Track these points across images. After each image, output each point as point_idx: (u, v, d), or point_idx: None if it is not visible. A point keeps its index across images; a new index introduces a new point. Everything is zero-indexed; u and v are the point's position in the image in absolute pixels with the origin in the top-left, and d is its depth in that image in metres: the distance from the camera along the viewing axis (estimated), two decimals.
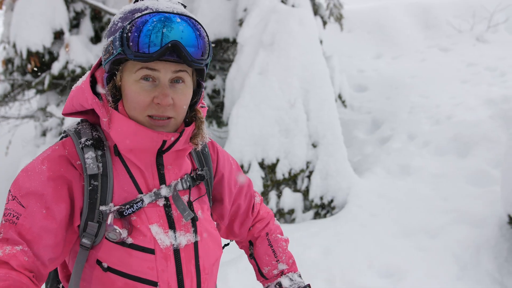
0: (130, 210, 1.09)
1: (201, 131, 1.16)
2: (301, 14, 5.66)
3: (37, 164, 1.08)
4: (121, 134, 1.09)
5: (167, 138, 1.09)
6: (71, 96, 1.16)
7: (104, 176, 1.09)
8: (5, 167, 7.42)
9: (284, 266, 1.37)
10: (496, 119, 5.67)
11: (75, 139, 1.12)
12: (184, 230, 1.15)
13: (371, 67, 8.62)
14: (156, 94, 1.06)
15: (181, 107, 1.10)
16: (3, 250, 0.99)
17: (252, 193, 1.44)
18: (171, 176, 1.17)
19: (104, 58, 1.09)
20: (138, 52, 1.01)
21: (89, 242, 1.08)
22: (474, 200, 4.54)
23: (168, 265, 1.12)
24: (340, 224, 4.44)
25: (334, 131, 5.19)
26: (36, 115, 6.48)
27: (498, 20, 9.27)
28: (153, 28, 1.01)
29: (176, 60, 1.04)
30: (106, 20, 6.46)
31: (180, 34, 1.02)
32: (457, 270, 3.67)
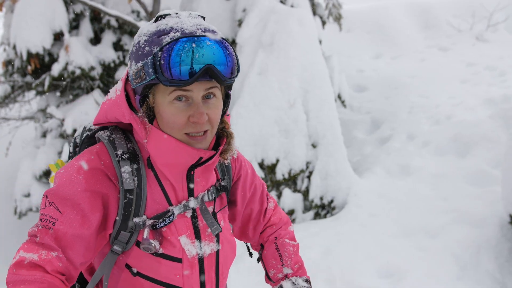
0: (162, 223, 1.15)
1: (231, 146, 1.21)
2: (300, 14, 5.66)
3: (74, 172, 1.12)
4: (160, 150, 1.12)
5: (204, 155, 1.14)
6: (105, 109, 1.19)
7: (138, 189, 1.14)
8: (5, 168, 7.43)
9: (289, 271, 1.41)
10: (496, 119, 5.67)
11: (111, 150, 1.15)
12: (208, 240, 1.22)
13: (371, 67, 8.62)
14: (192, 113, 1.09)
15: (215, 120, 1.13)
16: (39, 255, 1.04)
17: (264, 198, 1.47)
18: (198, 189, 1.22)
19: (136, 82, 1.10)
20: (173, 80, 1.03)
21: (120, 248, 1.15)
22: (474, 200, 4.54)
23: (193, 273, 1.20)
24: (340, 224, 4.44)
25: (334, 131, 5.19)
26: (36, 116, 6.49)
27: (498, 20, 9.27)
28: (185, 54, 1.02)
29: (207, 79, 1.06)
30: (106, 22, 6.46)
31: (212, 57, 1.04)
32: (457, 270, 3.67)
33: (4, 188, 7.22)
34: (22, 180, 5.94)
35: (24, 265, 1.02)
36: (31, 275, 1.01)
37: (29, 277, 1.00)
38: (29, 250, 1.05)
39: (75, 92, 6.45)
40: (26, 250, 1.05)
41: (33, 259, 1.03)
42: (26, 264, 1.02)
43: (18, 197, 5.93)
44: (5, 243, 6.44)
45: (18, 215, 6.00)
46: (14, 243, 6.54)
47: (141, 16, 6.64)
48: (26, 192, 5.94)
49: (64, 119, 5.95)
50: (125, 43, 6.59)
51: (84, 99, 6.07)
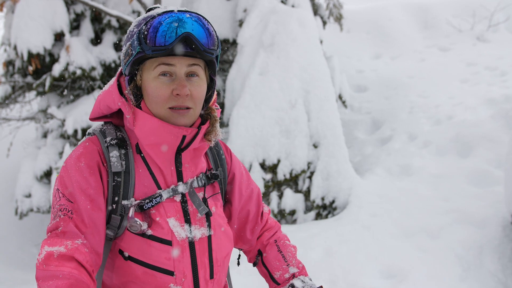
0: (149, 204, 1.19)
1: (215, 128, 1.25)
2: (301, 15, 5.66)
3: (75, 161, 1.19)
4: (144, 130, 1.18)
5: (186, 132, 1.19)
6: (98, 100, 1.27)
7: (126, 173, 1.19)
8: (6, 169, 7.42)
9: (295, 270, 1.42)
10: (497, 118, 5.67)
11: (100, 138, 1.23)
12: (199, 224, 1.24)
13: (370, 68, 8.61)
14: (175, 86, 1.17)
15: (198, 98, 1.20)
16: (65, 246, 1.08)
17: (260, 201, 1.51)
18: (188, 174, 1.26)
19: (124, 61, 1.20)
20: (156, 46, 1.12)
21: (112, 233, 1.19)
22: (475, 200, 4.54)
23: (184, 256, 1.20)
24: (342, 225, 4.44)
25: (335, 131, 5.19)
26: (37, 117, 6.48)
27: (499, 20, 9.26)
28: (167, 24, 1.12)
29: (190, 53, 1.15)
30: (106, 22, 6.46)
31: (191, 27, 1.14)
32: (460, 271, 3.67)
33: (5, 188, 7.21)
34: (23, 180, 5.93)
35: (53, 259, 1.06)
36: (59, 270, 1.04)
37: (57, 272, 1.04)
38: (54, 243, 1.08)
39: (76, 93, 6.44)
40: (51, 244, 1.08)
41: (61, 251, 1.07)
42: (55, 258, 1.06)
43: (19, 198, 5.92)
44: (6, 244, 6.44)
45: (19, 215, 5.99)
46: (15, 243, 6.54)
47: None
48: (27, 193, 5.93)
49: (65, 119, 5.94)
50: None
51: (85, 99, 6.07)
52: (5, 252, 6.27)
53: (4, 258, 6.17)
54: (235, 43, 6.31)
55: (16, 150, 7.01)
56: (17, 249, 6.36)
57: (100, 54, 6.33)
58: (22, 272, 5.64)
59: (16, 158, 6.92)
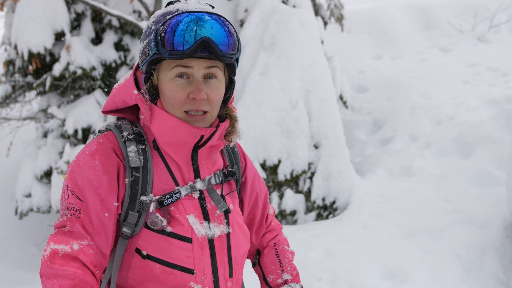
0: (169, 200, 1.16)
1: (235, 129, 1.24)
2: (302, 15, 5.65)
3: (88, 158, 1.15)
4: (162, 128, 1.16)
5: (204, 133, 1.16)
6: (113, 93, 1.24)
7: (144, 168, 1.16)
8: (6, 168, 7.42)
9: (288, 277, 1.42)
10: (499, 119, 5.65)
11: (117, 133, 1.20)
12: (217, 221, 1.22)
13: (371, 68, 8.60)
14: (191, 89, 1.13)
15: (215, 101, 1.16)
16: (71, 245, 1.07)
17: (267, 203, 1.49)
18: (205, 171, 1.24)
19: (141, 60, 1.16)
20: (172, 50, 1.08)
21: (129, 231, 1.15)
22: (477, 201, 4.52)
23: (204, 254, 1.18)
24: (343, 225, 4.42)
25: (336, 132, 5.18)
26: (37, 117, 6.47)
27: (500, 20, 9.25)
28: (185, 27, 1.08)
29: (207, 56, 1.10)
30: (107, 21, 6.45)
31: (210, 31, 1.09)
32: (461, 271, 3.65)
33: (5, 188, 7.20)
34: (23, 180, 5.92)
35: (58, 257, 1.05)
36: (63, 270, 1.04)
37: (62, 271, 1.03)
38: (60, 241, 1.07)
39: (76, 92, 6.43)
40: (57, 241, 1.07)
41: (66, 251, 1.06)
42: (60, 256, 1.05)
43: (19, 198, 5.91)
44: (6, 244, 6.43)
45: (19, 215, 5.98)
46: (15, 243, 6.53)
47: (142, 16, 6.63)
48: (27, 193, 5.92)
49: (65, 119, 5.93)
50: (127, 43, 6.58)
51: (85, 99, 6.06)
52: (5, 252, 6.26)
53: (4, 258, 6.16)
54: None
55: (16, 150, 7.01)
56: (17, 249, 6.35)
57: (100, 54, 6.33)
58: (22, 272, 5.63)
59: (16, 158, 6.92)
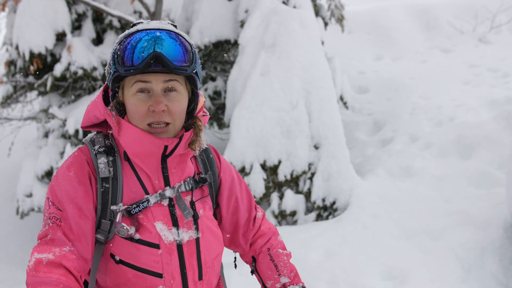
0: (136, 209, 1.22)
1: (198, 138, 1.28)
2: (303, 15, 5.66)
3: (65, 171, 1.24)
4: (129, 140, 1.22)
5: (167, 143, 1.22)
6: (88, 110, 1.31)
7: (114, 179, 1.24)
8: (7, 168, 7.43)
9: (286, 280, 1.44)
10: (499, 120, 5.65)
11: (90, 147, 1.28)
12: (186, 227, 1.27)
13: (371, 69, 8.60)
14: (151, 103, 1.19)
15: (176, 113, 1.22)
16: (53, 253, 1.12)
17: (252, 206, 1.51)
18: (175, 179, 1.29)
19: (107, 78, 1.24)
20: (126, 67, 1.15)
21: (103, 237, 1.22)
22: (477, 202, 4.52)
23: (172, 259, 1.24)
24: (343, 226, 4.43)
25: (336, 132, 5.18)
26: (38, 117, 6.49)
27: (501, 21, 9.24)
28: (137, 44, 1.15)
29: (163, 70, 1.16)
30: (108, 22, 6.46)
31: (161, 45, 1.15)
32: (461, 272, 3.66)
33: (6, 188, 7.22)
34: (24, 180, 5.94)
35: (43, 265, 1.10)
36: (47, 277, 1.08)
37: (46, 278, 1.08)
38: (43, 251, 1.13)
39: (77, 93, 6.45)
40: (40, 251, 1.13)
41: (49, 258, 1.11)
42: (45, 264, 1.10)
43: (20, 197, 5.93)
44: (7, 243, 6.45)
45: (20, 215, 5.99)
46: (16, 243, 6.54)
47: (143, 16, 6.64)
48: (28, 192, 5.94)
49: (66, 119, 5.94)
50: None
51: (86, 99, 6.07)
52: (6, 252, 6.28)
53: (5, 257, 6.17)
54: (236, 43, 6.31)
55: (17, 150, 7.02)
56: (18, 248, 6.37)
57: (101, 54, 6.34)
58: (23, 272, 5.64)
59: (17, 158, 6.93)
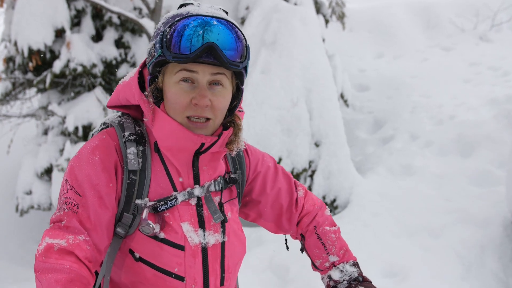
0: (164, 206, 1.15)
1: (237, 138, 1.20)
2: (303, 13, 5.64)
3: (89, 154, 1.14)
4: (163, 132, 1.13)
5: (205, 141, 1.13)
6: (118, 90, 1.22)
7: (142, 171, 1.15)
8: (6, 166, 7.41)
9: (335, 258, 1.35)
10: (500, 119, 5.64)
11: (118, 132, 1.18)
12: (213, 230, 1.20)
13: (372, 67, 8.59)
14: (194, 95, 1.10)
15: (219, 109, 1.13)
16: (67, 240, 1.05)
17: (293, 188, 1.43)
18: (205, 177, 1.21)
19: (148, 60, 1.14)
20: (176, 54, 1.06)
21: (123, 231, 1.15)
22: (477, 200, 4.52)
23: (196, 262, 1.17)
24: (343, 223, 4.41)
25: (337, 130, 5.17)
26: (37, 114, 6.46)
27: (502, 19, 9.22)
28: (191, 30, 1.05)
29: (214, 62, 1.07)
30: (107, 18, 6.44)
31: (217, 36, 1.05)
32: (461, 270, 3.66)
33: (5, 185, 7.20)
34: (24, 177, 5.92)
35: (54, 252, 1.03)
36: (59, 264, 1.02)
37: (57, 265, 1.01)
38: (55, 236, 1.06)
39: (76, 90, 6.42)
40: (52, 236, 1.06)
41: (62, 245, 1.04)
42: (56, 251, 1.03)
43: (19, 195, 5.91)
44: (6, 241, 6.43)
45: (19, 212, 5.97)
46: (15, 240, 6.53)
47: (143, 13, 6.62)
48: (28, 190, 5.92)
49: (66, 116, 5.92)
50: (127, 41, 6.57)
51: (85, 96, 6.05)
52: (5, 250, 6.26)
53: (4, 255, 6.16)
54: None
55: (17, 147, 7.00)
56: (18, 246, 6.35)
57: (101, 51, 6.32)
58: (23, 269, 5.63)
59: (16, 155, 6.91)
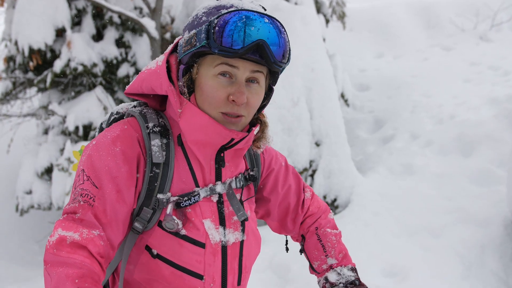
0: (187, 202, 1.12)
1: (265, 135, 1.21)
2: (304, 12, 5.64)
3: (109, 144, 1.09)
4: (191, 125, 1.10)
5: (235, 136, 1.11)
6: (142, 78, 1.17)
7: (166, 165, 1.11)
8: (6, 165, 7.41)
9: (333, 261, 1.35)
10: (500, 118, 5.64)
11: (141, 122, 1.13)
12: (233, 228, 1.19)
13: (373, 66, 8.59)
14: (233, 91, 1.07)
15: (253, 107, 1.11)
16: (80, 233, 1.00)
17: (301, 189, 1.43)
18: (227, 173, 1.20)
19: (184, 49, 1.10)
20: (224, 47, 1.02)
21: (141, 227, 1.11)
22: (478, 200, 4.52)
23: (215, 260, 1.15)
24: (344, 223, 4.41)
25: (338, 130, 5.17)
26: (38, 113, 6.46)
27: (502, 19, 9.22)
28: (241, 25, 1.02)
29: (255, 59, 1.05)
30: (108, 18, 6.43)
31: (267, 34, 1.03)
32: (462, 269, 3.65)
33: (5, 185, 7.20)
34: (24, 177, 5.92)
35: (66, 245, 0.98)
36: (71, 258, 0.97)
37: (69, 259, 0.96)
38: (69, 228, 1.00)
39: (77, 89, 6.42)
40: (65, 228, 1.00)
41: (75, 239, 0.99)
42: (68, 244, 0.98)
43: (19, 194, 5.91)
44: (6, 240, 6.43)
45: (19, 212, 5.98)
46: (15, 240, 6.53)
47: (144, 12, 6.62)
48: (28, 189, 5.92)
49: (66, 116, 5.92)
50: (128, 40, 6.57)
51: (86, 96, 6.05)
52: (5, 249, 6.26)
53: (4, 255, 6.16)
54: None
55: (17, 147, 7.00)
56: (18, 246, 6.35)
57: (101, 51, 6.32)
58: (23, 269, 5.63)
59: (17, 155, 6.91)
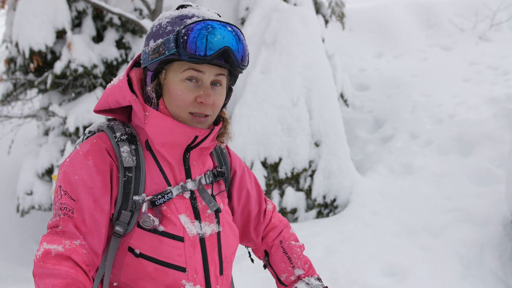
0: (161, 200, 1.19)
1: (227, 130, 1.29)
2: (303, 13, 5.66)
3: (82, 159, 1.17)
4: (157, 129, 1.19)
5: (199, 133, 1.20)
6: (107, 94, 1.26)
7: (137, 168, 1.19)
8: (7, 166, 7.44)
9: (301, 272, 1.42)
10: (500, 118, 5.65)
11: (109, 134, 1.22)
12: (208, 220, 1.25)
13: (372, 66, 8.60)
14: (200, 94, 1.17)
15: (218, 107, 1.22)
16: (63, 245, 1.08)
17: (262, 200, 1.50)
18: (196, 171, 1.28)
19: (152, 57, 1.18)
20: (194, 54, 1.11)
21: (122, 230, 1.18)
22: (477, 199, 4.53)
23: (195, 253, 1.21)
24: (343, 223, 4.43)
25: (337, 129, 5.18)
26: (38, 115, 6.49)
27: (501, 19, 9.24)
28: (206, 33, 1.12)
29: (220, 64, 1.16)
30: (108, 19, 6.45)
31: (231, 41, 1.14)
32: (461, 269, 3.66)
33: (6, 186, 7.22)
34: (25, 178, 5.94)
35: (51, 257, 1.07)
36: (56, 269, 1.05)
37: (54, 271, 1.05)
38: (52, 241, 1.09)
39: (77, 90, 6.45)
40: (49, 241, 1.09)
41: (59, 251, 1.07)
42: (53, 256, 1.07)
43: (20, 195, 5.93)
44: (8, 241, 6.45)
45: (20, 213, 6.00)
46: (16, 240, 6.55)
47: (143, 14, 6.64)
48: (29, 190, 5.94)
49: (67, 117, 5.94)
50: (128, 41, 6.59)
51: (86, 97, 6.07)
52: (6, 249, 6.29)
53: (5, 255, 6.18)
54: None
55: (18, 148, 7.02)
56: (19, 246, 6.38)
57: (102, 52, 6.34)
58: (23, 269, 5.66)
59: (17, 156, 6.93)
